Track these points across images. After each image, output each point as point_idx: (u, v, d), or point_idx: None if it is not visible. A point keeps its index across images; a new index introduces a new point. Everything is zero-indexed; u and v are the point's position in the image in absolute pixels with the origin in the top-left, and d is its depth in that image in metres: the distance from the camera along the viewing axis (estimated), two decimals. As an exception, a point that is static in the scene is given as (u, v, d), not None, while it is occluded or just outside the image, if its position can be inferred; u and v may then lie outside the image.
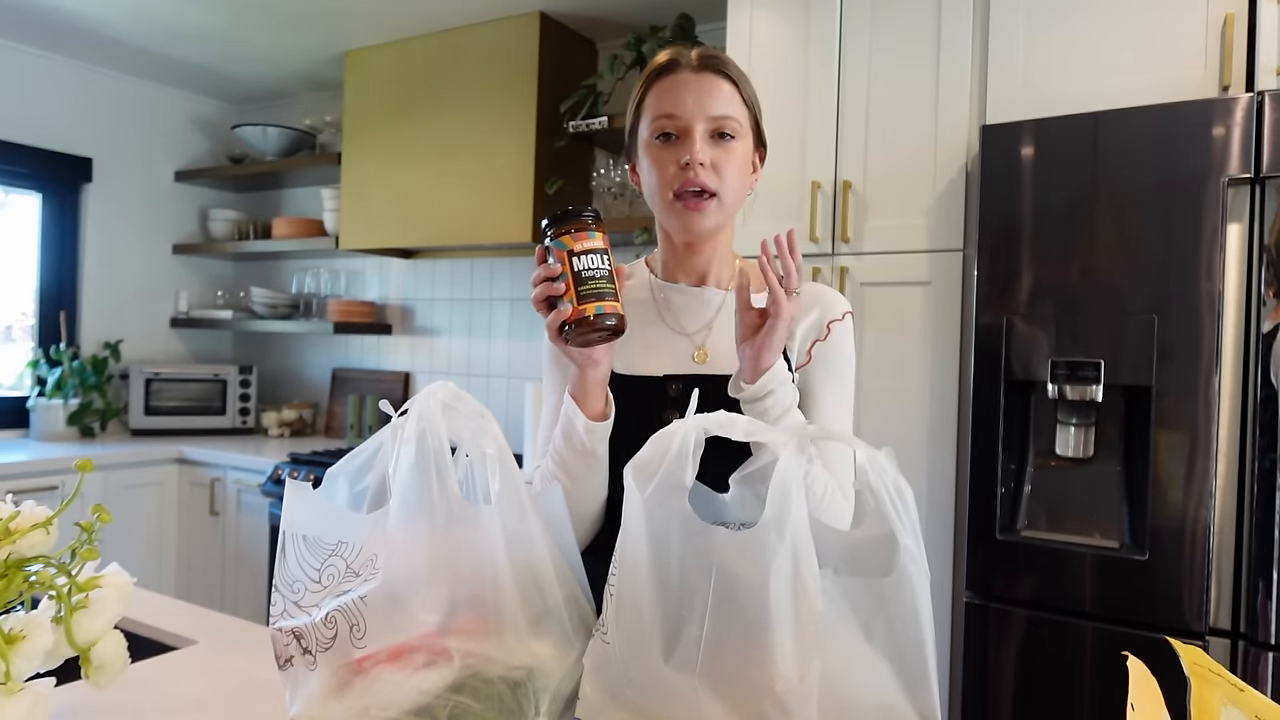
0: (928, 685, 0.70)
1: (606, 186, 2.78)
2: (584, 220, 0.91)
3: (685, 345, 1.06)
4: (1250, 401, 1.50)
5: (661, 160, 1.00)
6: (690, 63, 1.00)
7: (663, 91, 1.00)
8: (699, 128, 0.98)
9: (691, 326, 1.07)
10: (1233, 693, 0.55)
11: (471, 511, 0.74)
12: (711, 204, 0.99)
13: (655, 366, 1.05)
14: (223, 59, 3.32)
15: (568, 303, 0.89)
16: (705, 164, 0.97)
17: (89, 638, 0.79)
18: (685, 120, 0.98)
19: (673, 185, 0.99)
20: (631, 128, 1.06)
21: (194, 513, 3.18)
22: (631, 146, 1.07)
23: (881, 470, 0.70)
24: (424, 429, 0.73)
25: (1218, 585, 1.52)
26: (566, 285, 0.89)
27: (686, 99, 0.98)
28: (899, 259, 1.95)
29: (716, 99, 0.99)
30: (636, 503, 0.71)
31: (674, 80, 1.00)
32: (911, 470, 1.92)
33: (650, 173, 1.01)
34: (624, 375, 1.05)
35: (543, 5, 2.70)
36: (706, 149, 0.98)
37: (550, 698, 0.73)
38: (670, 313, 1.08)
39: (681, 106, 0.98)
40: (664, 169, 0.99)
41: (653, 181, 1.01)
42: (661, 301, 1.09)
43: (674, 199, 0.99)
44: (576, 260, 0.90)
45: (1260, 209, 1.50)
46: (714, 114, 0.98)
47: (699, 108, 0.98)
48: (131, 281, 3.59)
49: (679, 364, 1.05)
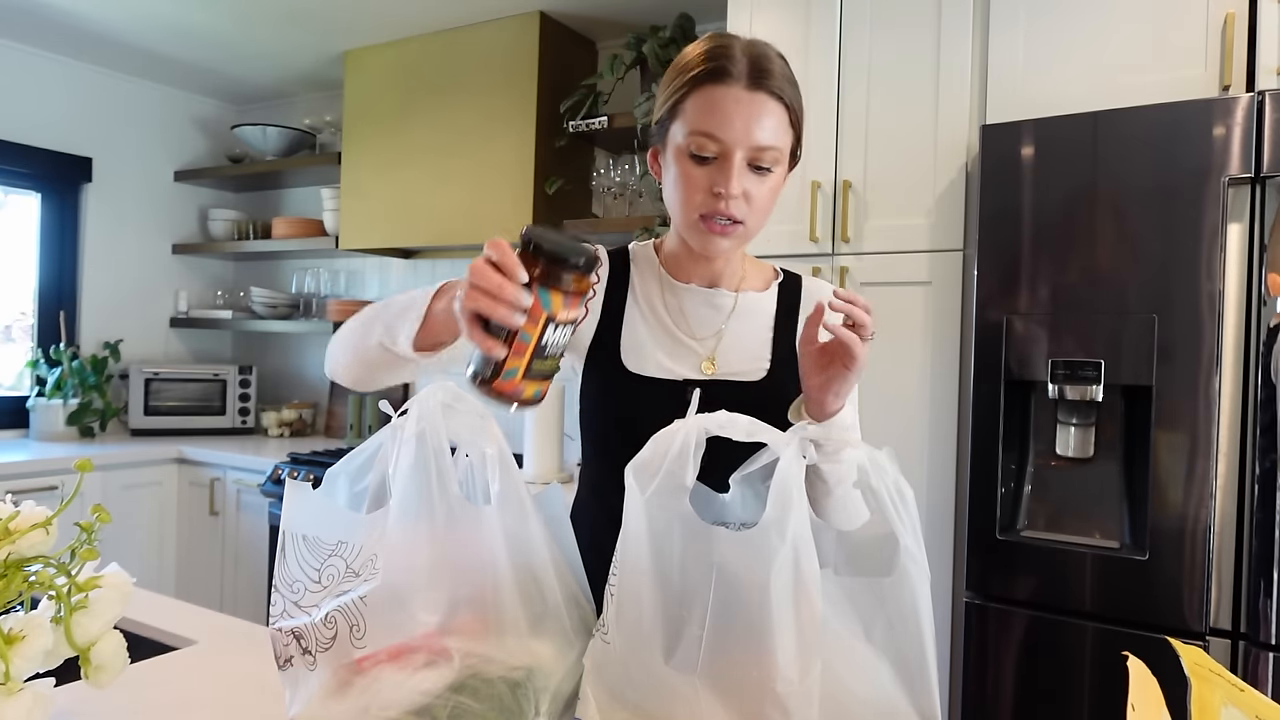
0: (928, 685, 0.70)
1: (606, 186, 2.78)
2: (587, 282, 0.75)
3: (694, 351, 1.04)
4: (1250, 401, 1.50)
5: (694, 179, 0.94)
6: (743, 76, 0.91)
7: (708, 105, 0.92)
8: (739, 155, 0.92)
9: (701, 332, 1.05)
10: (1233, 693, 0.55)
11: (472, 511, 0.74)
12: (736, 230, 0.95)
13: (668, 368, 1.03)
14: (223, 59, 3.32)
15: (513, 360, 0.72)
16: (738, 196, 0.93)
17: (89, 638, 0.79)
18: (727, 146, 0.92)
19: (700, 209, 0.94)
20: (663, 121, 0.98)
21: (194, 513, 3.18)
22: (658, 137, 1.00)
23: (882, 470, 0.70)
24: (424, 429, 0.73)
25: (1218, 585, 1.52)
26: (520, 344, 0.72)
27: (734, 123, 0.91)
28: (899, 259, 1.95)
29: (764, 128, 0.92)
30: (637, 503, 0.71)
31: (723, 95, 0.92)
32: (911, 470, 1.92)
33: (678, 186, 0.96)
34: (639, 375, 1.02)
35: (543, 5, 2.70)
36: (742, 179, 0.93)
37: (550, 698, 0.73)
38: (681, 315, 1.05)
39: (726, 130, 0.91)
40: (694, 189, 0.94)
41: (679, 196, 0.96)
42: (673, 304, 1.06)
43: (699, 219, 0.95)
44: (550, 329, 0.73)
45: (1260, 209, 1.50)
46: (758, 144, 0.92)
47: (745, 135, 0.91)
48: (131, 281, 3.59)
49: (687, 369, 1.03)
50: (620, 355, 1.03)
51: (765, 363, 1.04)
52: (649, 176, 2.59)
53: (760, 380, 1.03)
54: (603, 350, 1.04)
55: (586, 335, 1.05)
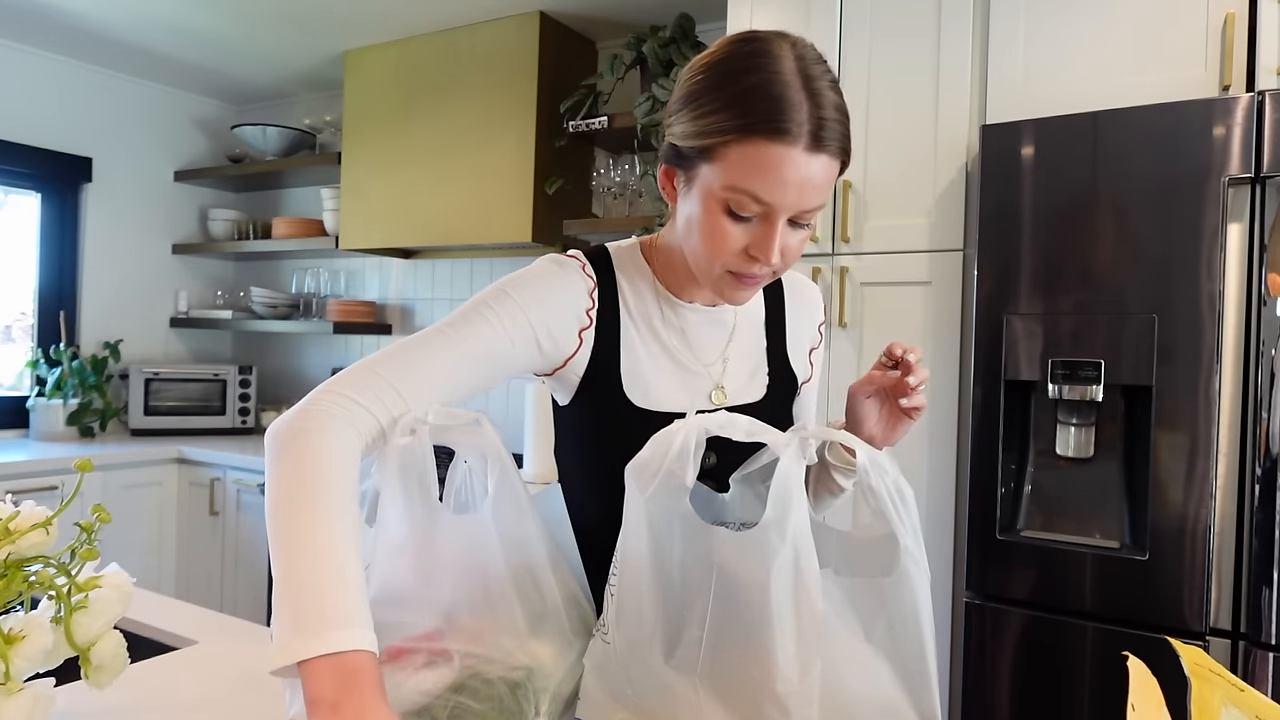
0: (928, 685, 0.70)
1: (606, 186, 2.78)
2: None
3: (702, 380, 0.96)
4: (1250, 401, 1.50)
5: (728, 236, 0.82)
6: (803, 136, 0.76)
7: (759, 165, 0.77)
8: (784, 217, 0.80)
9: (708, 357, 0.97)
10: (1233, 693, 0.55)
11: (470, 514, 0.74)
12: (763, 280, 0.87)
13: (678, 401, 0.94)
14: (223, 59, 3.32)
15: None
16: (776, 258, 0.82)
17: (89, 638, 0.79)
18: (774, 210, 0.79)
19: (730, 265, 0.84)
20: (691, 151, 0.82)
21: (194, 513, 3.18)
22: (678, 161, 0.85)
23: (882, 470, 0.70)
24: (409, 441, 0.73)
25: (1218, 585, 1.52)
26: None
27: (788, 190, 0.78)
28: (899, 259, 1.95)
29: (819, 188, 0.79)
30: (638, 503, 0.71)
31: (778, 158, 0.76)
32: (911, 470, 1.92)
33: (705, 235, 0.83)
34: (644, 409, 0.92)
35: (543, 5, 2.70)
36: (783, 238, 0.82)
37: (550, 698, 0.73)
38: (684, 339, 0.96)
39: (777, 195, 0.78)
40: (726, 245, 0.82)
41: (706, 247, 0.84)
42: (672, 322, 0.95)
43: (725, 273, 0.85)
44: None
45: (1260, 209, 1.50)
46: (807, 209, 0.80)
47: (797, 201, 0.79)
48: (131, 281, 3.59)
49: (698, 400, 0.95)
50: (623, 388, 0.92)
51: (765, 377, 1.00)
52: (649, 177, 2.59)
53: (763, 399, 0.99)
54: (601, 381, 0.92)
55: (580, 365, 0.92)
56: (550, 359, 0.90)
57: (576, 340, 0.91)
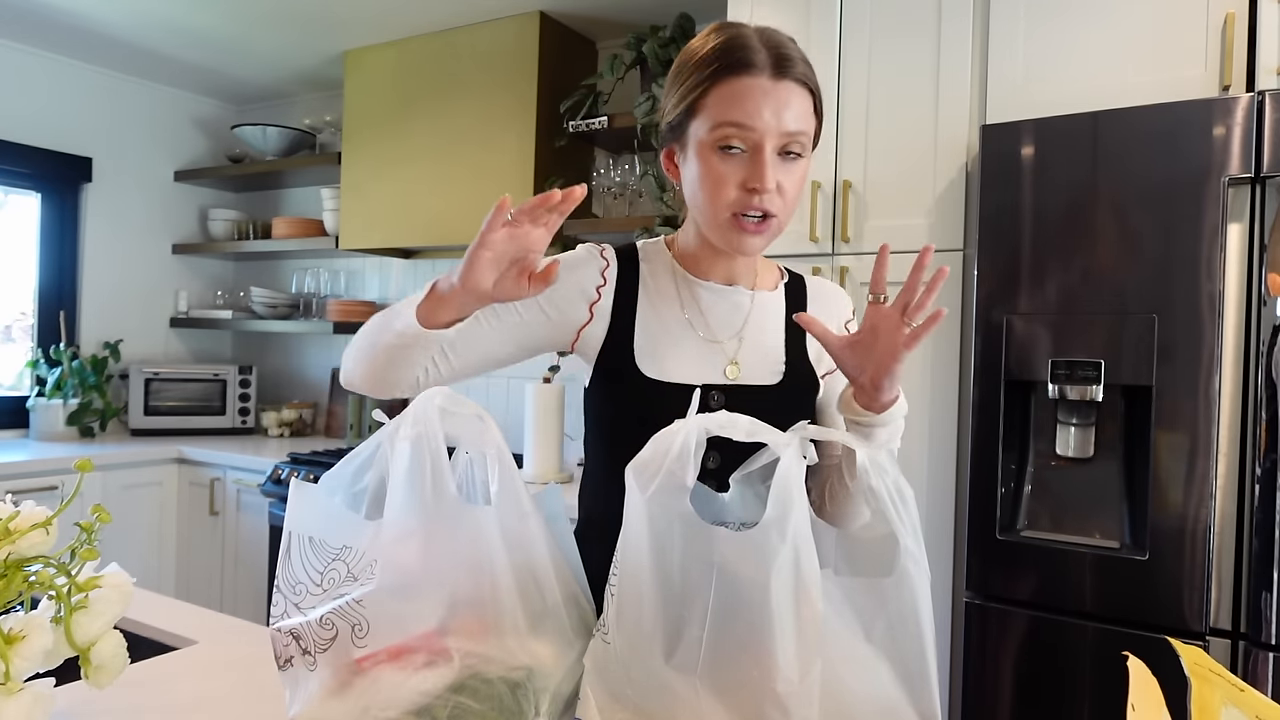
0: (928, 685, 0.70)
1: (606, 186, 2.77)
2: None
3: (717, 354, 1.00)
4: (1250, 401, 1.50)
5: (723, 175, 0.90)
6: (766, 65, 0.89)
7: (732, 96, 0.89)
8: (770, 145, 0.89)
9: (722, 333, 1.01)
10: (1233, 693, 0.55)
11: (471, 512, 0.74)
12: (770, 225, 0.92)
13: (690, 374, 0.98)
14: (223, 59, 3.32)
15: None
16: (773, 190, 0.90)
17: (89, 638, 0.79)
18: (757, 136, 0.88)
19: (733, 207, 0.91)
20: (678, 120, 0.94)
21: (194, 513, 3.18)
22: (673, 138, 0.96)
23: (882, 470, 0.70)
24: (420, 431, 0.73)
25: (1218, 585, 1.52)
26: None
27: (762, 111, 0.88)
28: (899, 259, 1.95)
29: (793, 112, 0.90)
30: (638, 503, 0.71)
31: (747, 86, 0.88)
32: (911, 470, 1.92)
33: (704, 183, 0.92)
34: (656, 380, 0.97)
35: (543, 5, 2.70)
36: (775, 171, 0.90)
37: (550, 698, 0.73)
38: (699, 314, 1.01)
39: (755, 119, 0.88)
40: (725, 186, 0.90)
41: (706, 193, 0.92)
42: (689, 301, 1.01)
43: (731, 217, 0.91)
44: None
45: (1260, 209, 1.50)
46: (788, 130, 0.89)
47: (775, 123, 0.88)
48: (131, 281, 3.59)
49: (711, 374, 0.99)
50: (635, 360, 0.98)
51: (781, 365, 1.02)
52: (649, 176, 2.58)
53: (778, 383, 1.01)
54: (615, 354, 0.99)
55: (596, 339, 1.00)
56: (560, 328, 1.00)
57: (586, 313, 1.00)
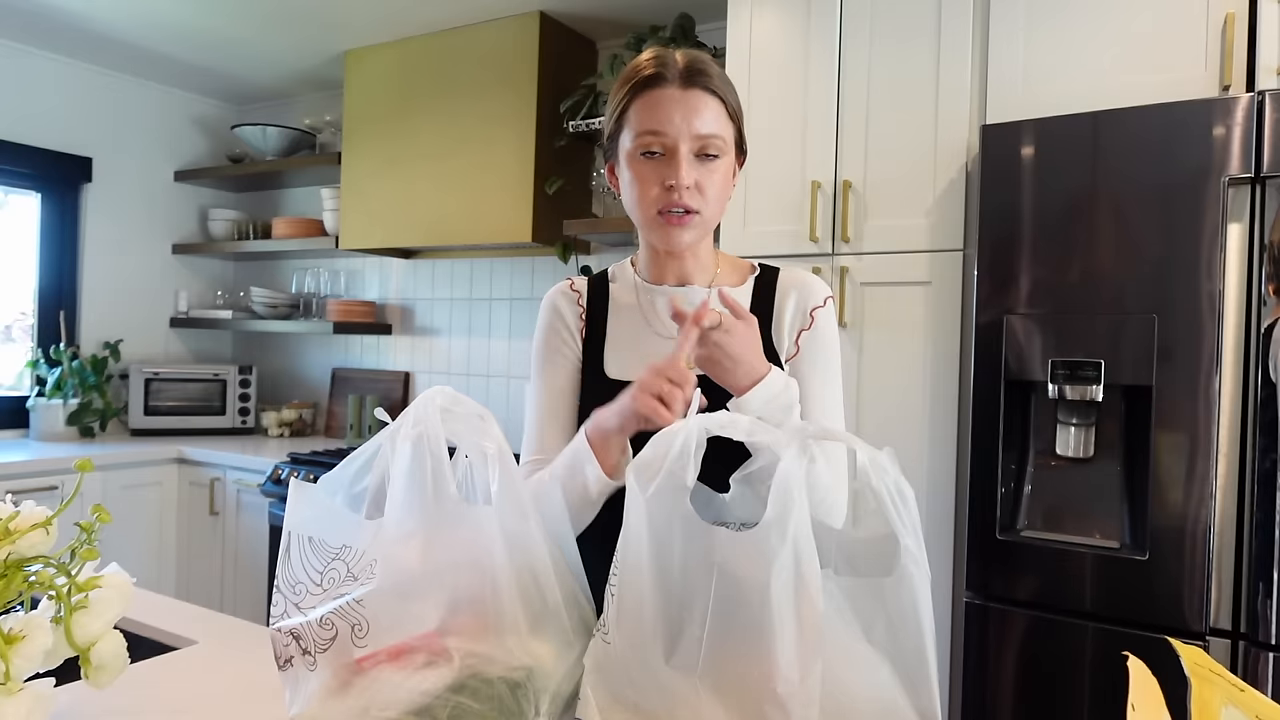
0: (928, 685, 0.70)
1: (606, 186, 2.77)
2: None
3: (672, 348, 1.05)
4: (1250, 401, 1.50)
5: (645, 177, 0.99)
6: (676, 77, 0.98)
7: (648, 106, 0.99)
8: (684, 147, 0.98)
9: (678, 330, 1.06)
10: (1233, 693, 0.55)
11: (471, 512, 0.74)
12: (693, 219, 1.00)
13: None
14: (223, 59, 3.32)
15: None
16: (690, 186, 0.98)
17: (89, 638, 0.79)
18: (671, 139, 0.98)
19: (656, 204, 0.99)
20: (612, 134, 1.05)
21: (194, 513, 3.18)
22: (611, 151, 1.06)
23: (882, 470, 0.70)
24: (421, 432, 0.73)
25: (1218, 585, 1.52)
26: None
27: (673, 117, 0.97)
28: (899, 259, 1.95)
29: (703, 118, 0.98)
30: (638, 503, 0.71)
31: (660, 96, 0.98)
32: (911, 470, 1.92)
33: (633, 186, 1.01)
34: (617, 380, 1.05)
35: (543, 5, 2.70)
36: (691, 170, 0.98)
37: (550, 698, 0.73)
38: (656, 316, 1.09)
39: (668, 125, 0.97)
40: (648, 186, 0.99)
41: (634, 195, 1.01)
42: (648, 304, 1.10)
43: (657, 214, 1.00)
44: None
45: (1260, 209, 1.50)
46: (700, 133, 0.98)
47: (685, 126, 0.97)
48: (131, 281, 3.59)
49: None
50: (604, 365, 1.08)
51: None
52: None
53: None
54: (590, 366, 1.10)
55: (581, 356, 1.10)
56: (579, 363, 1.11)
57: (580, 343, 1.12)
